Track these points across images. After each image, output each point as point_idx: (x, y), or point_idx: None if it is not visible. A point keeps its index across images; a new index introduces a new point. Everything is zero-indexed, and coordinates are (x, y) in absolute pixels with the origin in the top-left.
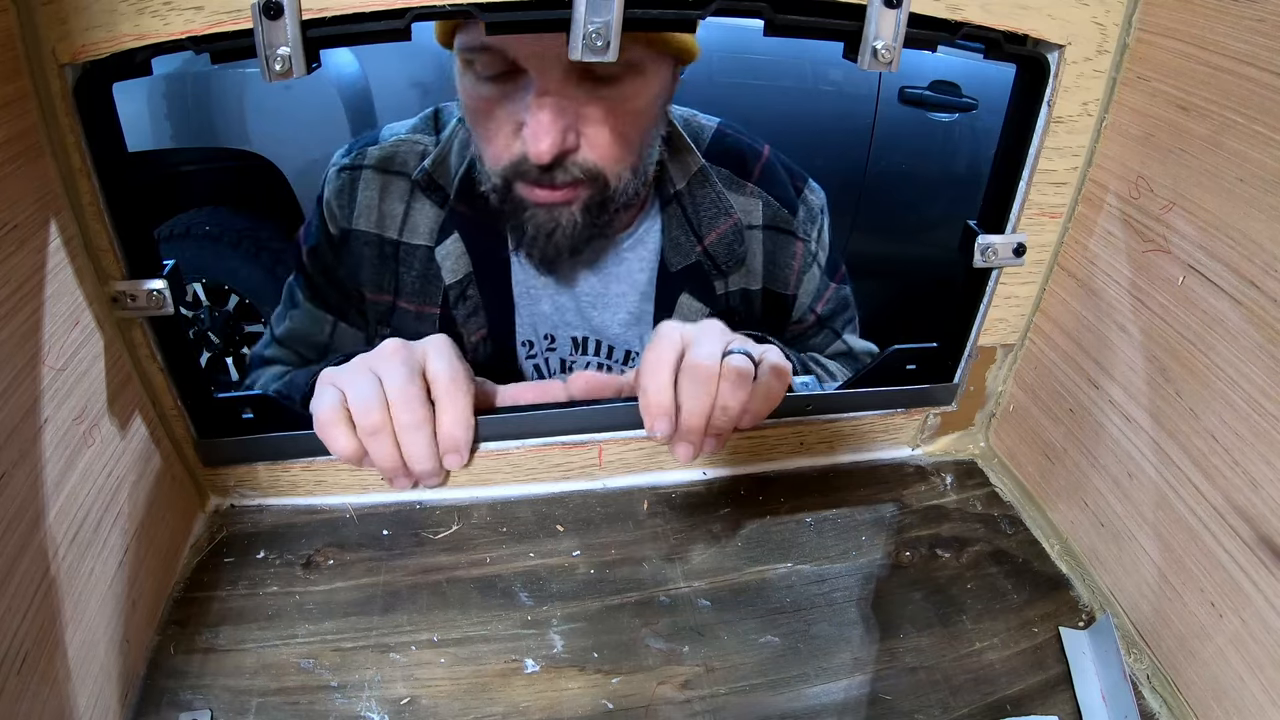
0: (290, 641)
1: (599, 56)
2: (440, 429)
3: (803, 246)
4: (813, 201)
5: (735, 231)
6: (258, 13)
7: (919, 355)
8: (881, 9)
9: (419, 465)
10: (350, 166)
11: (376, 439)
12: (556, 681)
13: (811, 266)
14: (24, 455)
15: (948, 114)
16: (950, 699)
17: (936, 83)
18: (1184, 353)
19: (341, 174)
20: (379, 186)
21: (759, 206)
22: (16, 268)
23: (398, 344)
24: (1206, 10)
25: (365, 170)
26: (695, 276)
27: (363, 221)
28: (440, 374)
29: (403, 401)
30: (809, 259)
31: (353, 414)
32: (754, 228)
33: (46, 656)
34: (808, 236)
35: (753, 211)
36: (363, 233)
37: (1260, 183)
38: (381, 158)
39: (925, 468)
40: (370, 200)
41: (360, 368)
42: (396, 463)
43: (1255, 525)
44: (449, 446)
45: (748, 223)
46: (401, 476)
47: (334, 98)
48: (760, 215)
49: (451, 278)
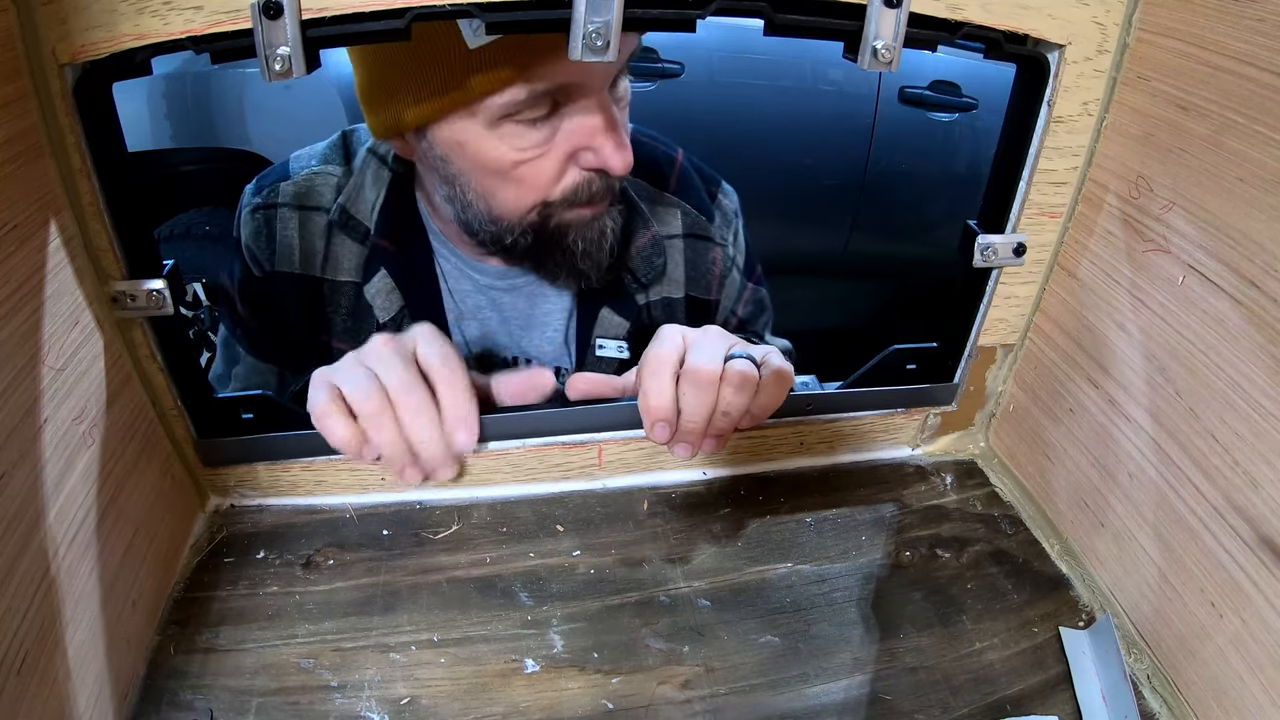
0: (290, 641)
1: (599, 56)
2: (443, 407)
3: (721, 251)
4: (727, 206)
5: (654, 244)
6: (257, 13)
7: (919, 355)
8: (881, 9)
9: (427, 450)
10: (264, 206)
11: (377, 422)
12: (556, 681)
13: (731, 270)
14: (24, 455)
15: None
16: (950, 699)
17: (936, 83)
18: (1184, 352)
19: (256, 215)
20: (296, 224)
21: (677, 216)
22: (16, 268)
23: (385, 337)
24: (1206, 10)
25: (281, 209)
26: (616, 290)
27: (284, 263)
28: (432, 356)
29: (401, 385)
30: (728, 263)
31: (351, 404)
32: (673, 237)
33: (46, 656)
34: (725, 241)
35: (671, 222)
36: (286, 274)
37: (1260, 183)
38: (296, 194)
39: (925, 468)
40: (289, 240)
41: (352, 363)
42: (403, 449)
43: (1255, 525)
44: (455, 423)
45: (666, 233)
46: (410, 467)
47: (334, 98)
48: (679, 224)
49: (385, 315)
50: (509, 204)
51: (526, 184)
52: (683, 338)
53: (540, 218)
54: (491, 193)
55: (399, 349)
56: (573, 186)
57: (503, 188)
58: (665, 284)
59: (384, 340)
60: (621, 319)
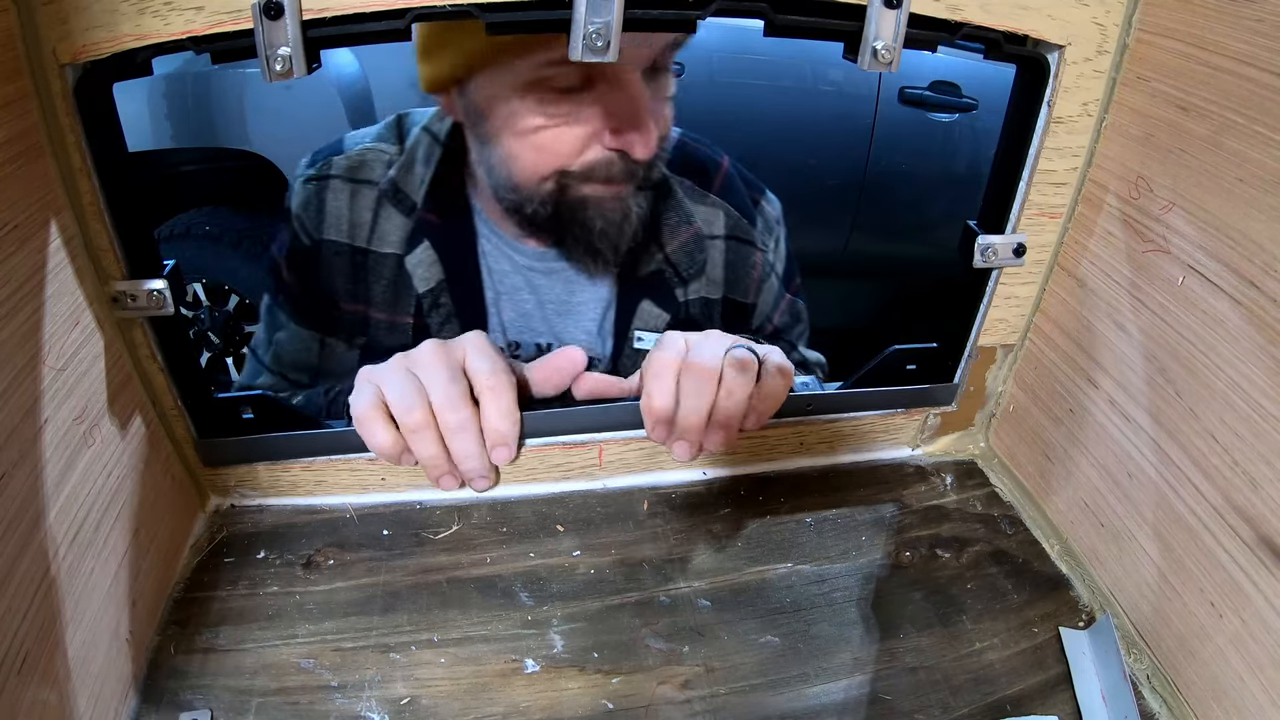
0: (290, 641)
1: (599, 57)
2: (486, 424)
3: (761, 256)
4: (769, 212)
5: (696, 240)
6: (258, 13)
7: (919, 355)
8: (881, 9)
9: (467, 464)
10: (317, 177)
11: (420, 437)
12: (556, 681)
13: (770, 276)
14: (24, 455)
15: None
16: (950, 699)
17: (936, 83)
18: (1184, 353)
19: (308, 184)
20: (347, 195)
21: (720, 216)
22: (16, 268)
23: (435, 344)
24: (1206, 10)
25: (333, 180)
26: (656, 283)
27: (332, 231)
28: (481, 370)
29: (447, 402)
30: (767, 269)
31: (393, 412)
32: (715, 237)
33: (47, 656)
34: (766, 246)
35: (714, 221)
36: (333, 242)
37: (1260, 183)
38: (348, 166)
39: (925, 468)
40: (339, 209)
41: (398, 366)
42: (443, 461)
43: (1255, 525)
44: (496, 440)
45: (709, 232)
46: (448, 476)
47: (334, 98)
48: (722, 225)
49: (424, 286)
50: (528, 168)
51: (547, 150)
52: (685, 341)
53: (557, 186)
54: (515, 156)
55: (448, 358)
56: (592, 162)
57: (524, 151)
58: (704, 283)
59: (434, 347)
60: (662, 311)
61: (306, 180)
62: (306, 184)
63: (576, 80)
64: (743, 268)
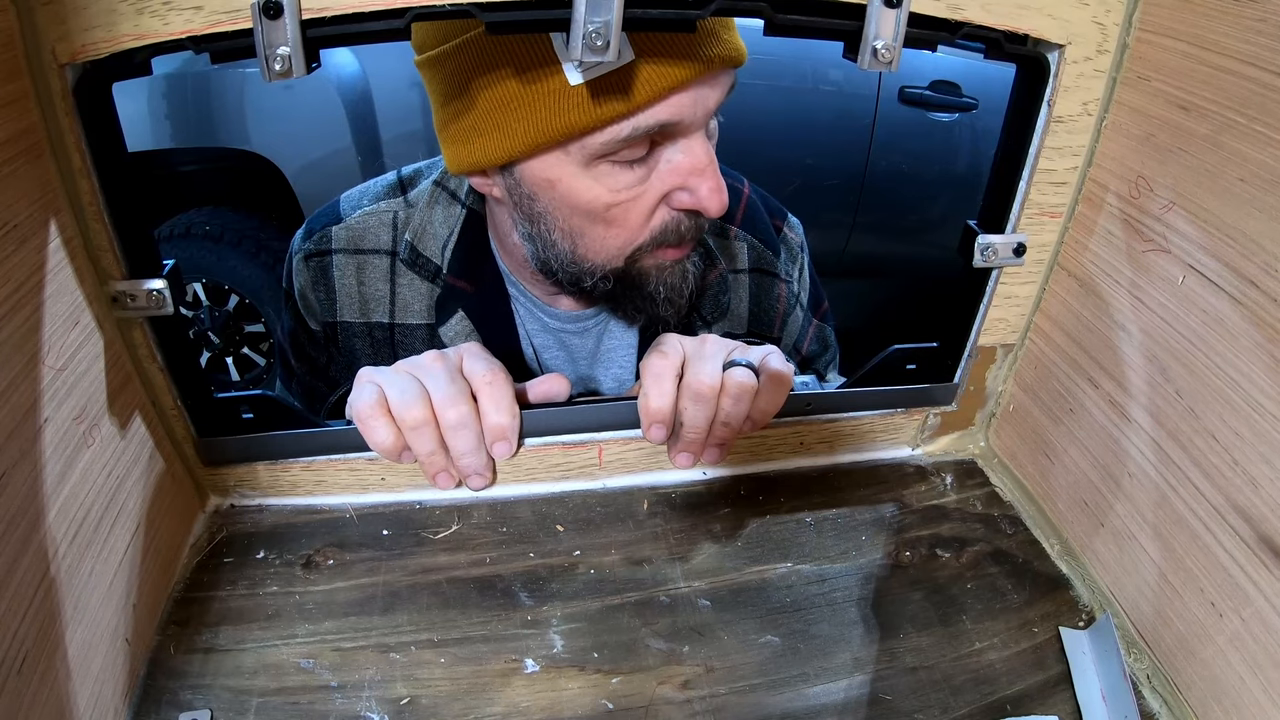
0: (290, 641)
1: (599, 56)
2: (485, 420)
3: (785, 288)
4: (792, 240)
5: (720, 282)
6: (257, 12)
7: (919, 355)
8: (881, 9)
9: (465, 460)
10: (316, 253)
11: (419, 434)
12: (556, 681)
13: (795, 308)
14: (24, 455)
15: (948, 114)
16: (950, 699)
17: (936, 83)
18: (1184, 352)
19: (310, 262)
20: (354, 270)
21: (744, 250)
22: (16, 268)
23: (435, 352)
24: (1206, 10)
25: (335, 255)
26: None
27: (347, 313)
28: (478, 370)
29: (447, 399)
30: (792, 300)
31: (393, 409)
32: (739, 272)
33: (46, 656)
34: (790, 277)
35: (738, 256)
36: (349, 324)
37: (1260, 183)
38: (349, 238)
39: (925, 468)
40: (349, 288)
41: (400, 369)
42: (441, 458)
43: (1255, 525)
44: (496, 435)
45: (733, 268)
46: (444, 474)
47: (334, 98)
48: (745, 259)
49: None
50: (595, 245)
51: (617, 225)
52: (682, 346)
53: (628, 261)
54: (580, 233)
55: (446, 362)
56: (661, 227)
57: (592, 229)
58: (729, 320)
59: (434, 355)
60: None
61: (307, 257)
62: (308, 261)
63: (644, 149)
64: (767, 301)
